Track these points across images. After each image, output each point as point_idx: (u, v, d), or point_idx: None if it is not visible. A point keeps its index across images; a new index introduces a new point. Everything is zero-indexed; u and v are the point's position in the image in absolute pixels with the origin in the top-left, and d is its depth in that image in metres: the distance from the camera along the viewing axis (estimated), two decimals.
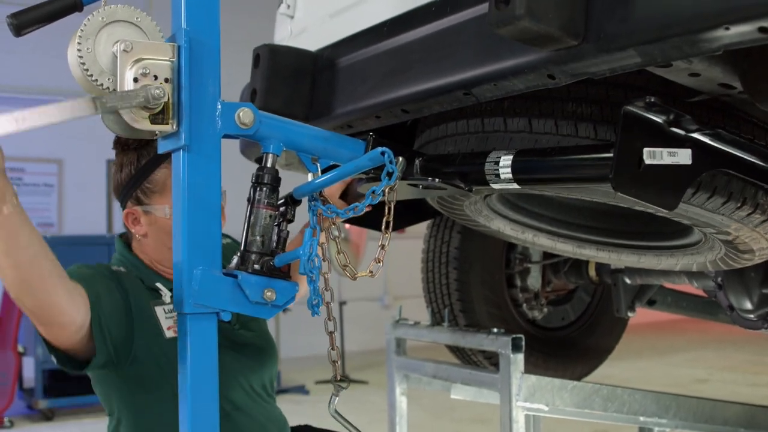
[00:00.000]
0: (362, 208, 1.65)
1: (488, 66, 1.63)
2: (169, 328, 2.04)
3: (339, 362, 1.74)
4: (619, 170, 1.45)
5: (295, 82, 2.23)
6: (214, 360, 1.54)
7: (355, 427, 1.78)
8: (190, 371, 1.52)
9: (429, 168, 1.85)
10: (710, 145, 1.51)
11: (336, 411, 1.74)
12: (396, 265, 11.23)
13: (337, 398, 1.74)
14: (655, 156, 1.47)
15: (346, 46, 2.16)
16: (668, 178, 1.50)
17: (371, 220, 2.35)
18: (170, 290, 2.06)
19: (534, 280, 3.23)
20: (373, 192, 1.61)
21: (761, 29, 1.20)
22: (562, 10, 1.40)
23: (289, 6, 2.62)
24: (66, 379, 7.26)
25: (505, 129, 1.80)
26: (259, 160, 1.66)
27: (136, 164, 2.05)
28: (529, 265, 3.22)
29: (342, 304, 9.44)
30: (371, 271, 1.71)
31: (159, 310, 2.06)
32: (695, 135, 1.50)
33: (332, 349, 1.74)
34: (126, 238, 2.18)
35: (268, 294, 1.56)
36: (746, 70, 1.47)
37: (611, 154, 1.47)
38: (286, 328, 9.04)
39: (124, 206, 2.09)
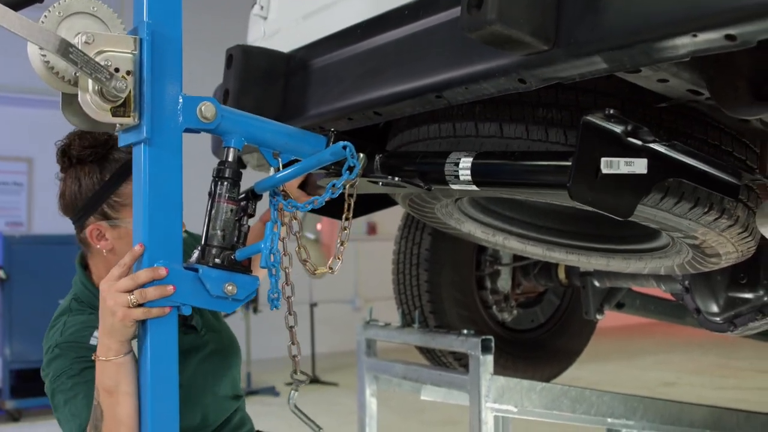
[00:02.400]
0: (322, 201, 1.67)
1: (460, 69, 1.64)
2: None
3: (299, 357, 1.74)
4: (576, 178, 1.47)
5: (267, 83, 2.24)
6: (174, 354, 1.56)
7: (314, 423, 1.78)
8: (150, 366, 1.54)
9: (389, 165, 1.86)
10: (665, 154, 1.53)
11: (295, 406, 1.74)
12: (367, 267, 11.27)
13: (297, 393, 1.74)
14: (612, 165, 1.49)
15: (319, 48, 2.16)
16: (624, 187, 1.53)
17: (328, 208, 2.37)
18: None
19: (504, 283, 3.25)
20: (333, 186, 1.63)
21: (728, 36, 1.22)
22: (533, 15, 1.41)
23: (262, 7, 2.62)
24: (34, 380, 7.17)
25: (476, 134, 1.81)
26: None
27: (99, 177, 1.90)
28: (500, 267, 3.24)
29: (313, 305, 9.42)
30: (331, 268, 1.73)
31: None
32: (651, 145, 1.52)
33: (292, 344, 1.74)
34: (83, 258, 2.04)
35: (229, 288, 1.57)
36: (713, 76, 1.50)
37: (570, 162, 1.49)
38: (257, 329, 9.02)
39: (83, 221, 1.92)
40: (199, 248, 1.62)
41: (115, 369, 1.56)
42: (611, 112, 1.48)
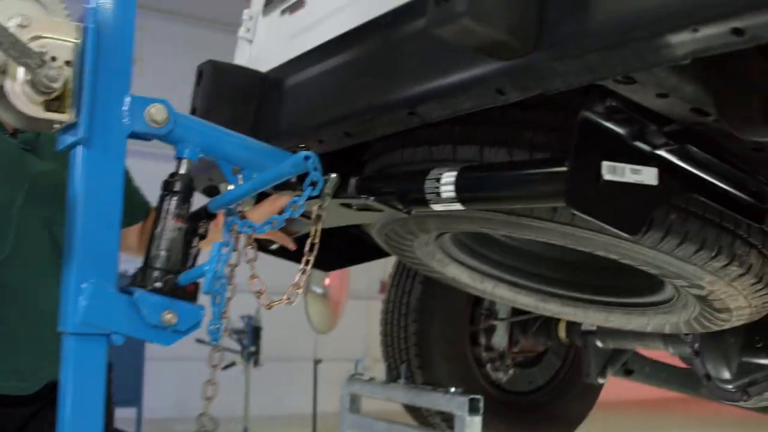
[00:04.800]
0: (281, 221, 1.46)
1: (432, 81, 1.46)
2: None
3: (214, 398, 1.50)
4: (574, 185, 1.25)
5: (239, 102, 2.07)
6: (100, 388, 1.34)
7: None
8: (71, 400, 1.32)
9: (366, 187, 1.66)
10: (679, 165, 1.32)
11: None
12: (377, 324, 10.97)
13: None
14: (616, 172, 1.28)
15: (292, 66, 2.00)
16: (631, 199, 1.31)
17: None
18: None
19: (500, 339, 3.00)
20: (294, 203, 1.42)
21: (734, 31, 1.01)
22: (510, 9, 1.21)
23: (248, 29, 2.46)
24: None
25: (453, 157, 1.61)
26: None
27: None
28: (495, 322, 3.00)
29: (317, 362, 9.13)
30: (289, 298, 1.52)
31: None
32: (662, 152, 1.31)
33: (209, 383, 1.50)
34: None
35: (168, 317, 1.35)
36: (720, 91, 1.28)
37: (566, 168, 1.28)
38: (256, 384, 8.74)
39: None
40: (139, 269, 1.41)
41: None
42: (614, 105, 1.27)
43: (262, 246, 2.13)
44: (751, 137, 1.25)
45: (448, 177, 1.47)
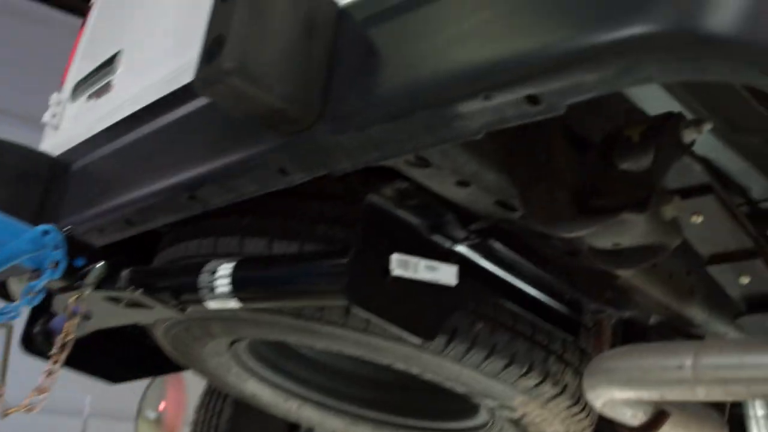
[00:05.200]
0: (16, 309, 1.22)
1: (212, 161, 1.27)
2: None
3: None
4: (355, 278, 1.06)
5: (21, 184, 1.82)
6: None
7: None
8: None
9: (137, 279, 1.42)
10: (483, 265, 1.16)
11: None
12: None
13: None
14: (408, 267, 1.10)
15: (80, 149, 1.78)
16: (426, 299, 1.13)
17: (99, 366, 1.91)
18: None
19: None
20: (32, 289, 1.19)
21: (529, 98, 0.88)
22: (291, 71, 1.05)
23: (54, 115, 2.23)
24: None
25: (240, 250, 1.40)
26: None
27: None
28: None
29: None
30: (30, 404, 1.27)
31: None
32: (464, 248, 1.15)
33: None
34: None
35: None
36: (525, 182, 1.15)
37: (347, 259, 1.09)
38: None
39: None
40: None
41: None
42: (405, 188, 1.11)
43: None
44: (557, 233, 1.10)
45: (225, 270, 1.26)
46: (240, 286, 1.23)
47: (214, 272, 1.28)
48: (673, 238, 1.09)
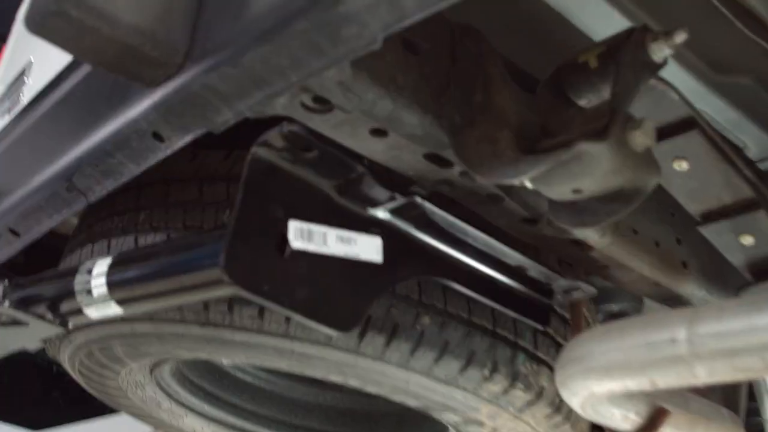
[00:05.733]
0: None
1: (84, 140, 1.09)
2: None
3: None
4: (237, 250, 0.81)
5: None
6: None
7: None
8: None
9: (14, 292, 1.18)
10: (418, 235, 0.92)
11: None
12: None
13: None
14: (313, 238, 0.86)
15: None
16: (342, 278, 0.88)
17: (17, 412, 1.68)
18: None
19: None
20: None
21: None
22: None
23: None
24: None
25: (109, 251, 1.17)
26: None
27: None
28: None
29: None
30: None
31: None
32: (390, 215, 0.91)
33: None
34: None
35: None
36: (458, 123, 0.91)
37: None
38: None
39: None
40: None
41: None
42: (297, 133, 0.87)
43: None
44: (498, 179, 0.86)
45: (101, 266, 1.01)
46: (116, 284, 0.98)
47: (90, 271, 1.03)
48: (648, 176, 0.84)
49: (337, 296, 0.88)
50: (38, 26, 0.83)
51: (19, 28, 2.02)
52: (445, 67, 0.93)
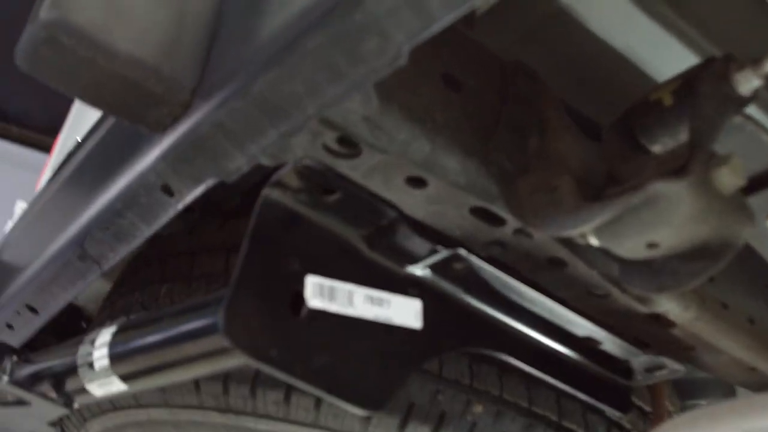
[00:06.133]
0: None
1: (94, 202, 1.01)
2: None
3: None
4: (239, 307, 0.69)
5: None
6: None
7: None
8: None
9: (22, 369, 1.07)
10: (466, 300, 0.78)
11: None
12: None
13: None
14: (335, 296, 0.73)
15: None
16: (370, 346, 0.74)
17: None
18: None
19: None
20: None
21: None
22: (144, 21, 0.74)
23: None
24: None
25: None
26: None
27: None
28: None
29: None
30: None
31: None
32: (429, 273, 0.78)
33: None
34: None
35: None
36: (510, 171, 0.78)
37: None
38: None
39: None
40: None
41: None
42: (314, 168, 0.74)
43: None
44: (556, 231, 0.72)
45: (105, 336, 0.90)
46: (118, 356, 0.86)
47: (93, 341, 0.92)
48: (739, 225, 0.69)
49: (364, 367, 0.74)
50: (29, 60, 0.74)
51: (71, 118, 2.00)
52: (494, 108, 0.81)
